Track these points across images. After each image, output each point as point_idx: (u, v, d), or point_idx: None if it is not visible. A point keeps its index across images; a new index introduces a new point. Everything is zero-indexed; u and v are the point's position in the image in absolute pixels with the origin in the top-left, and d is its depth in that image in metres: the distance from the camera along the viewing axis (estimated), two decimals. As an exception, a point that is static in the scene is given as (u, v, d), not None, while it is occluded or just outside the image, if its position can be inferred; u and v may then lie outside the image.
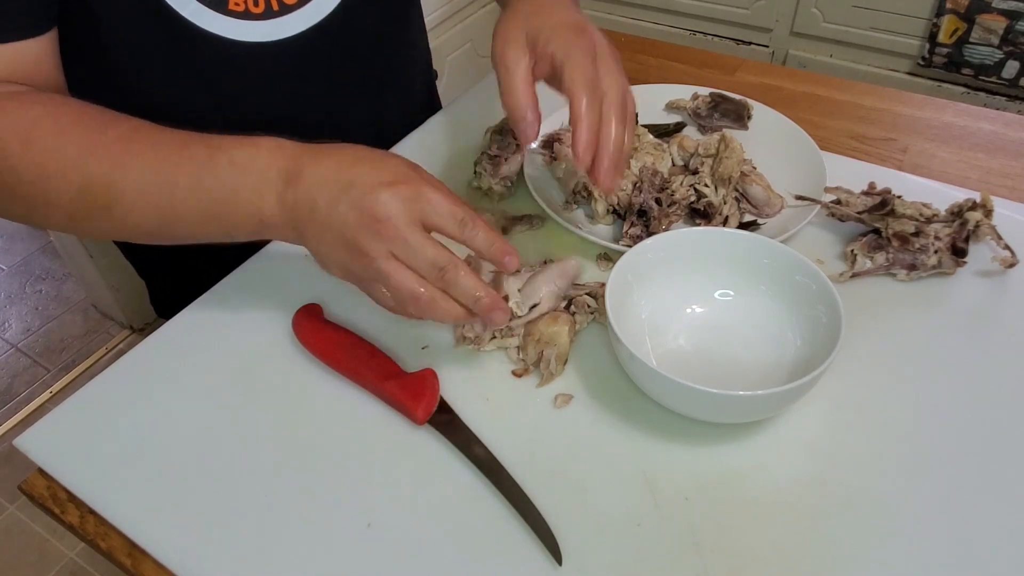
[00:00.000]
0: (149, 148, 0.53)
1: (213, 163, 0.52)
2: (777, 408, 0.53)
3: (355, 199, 0.48)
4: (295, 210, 0.50)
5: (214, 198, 0.52)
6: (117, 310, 1.84)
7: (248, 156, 0.52)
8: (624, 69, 0.57)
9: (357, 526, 0.49)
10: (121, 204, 0.53)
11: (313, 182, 0.50)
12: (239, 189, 0.51)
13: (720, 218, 0.67)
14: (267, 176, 0.51)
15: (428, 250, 0.48)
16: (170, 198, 0.52)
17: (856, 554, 0.46)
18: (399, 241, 0.48)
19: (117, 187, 0.52)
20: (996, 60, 1.52)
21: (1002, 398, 0.55)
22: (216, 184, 0.51)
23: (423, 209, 0.48)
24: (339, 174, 0.49)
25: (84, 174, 0.52)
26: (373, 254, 0.48)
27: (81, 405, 0.57)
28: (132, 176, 0.52)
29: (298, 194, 0.50)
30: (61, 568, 1.43)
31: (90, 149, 0.52)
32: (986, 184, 0.74)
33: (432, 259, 0.48)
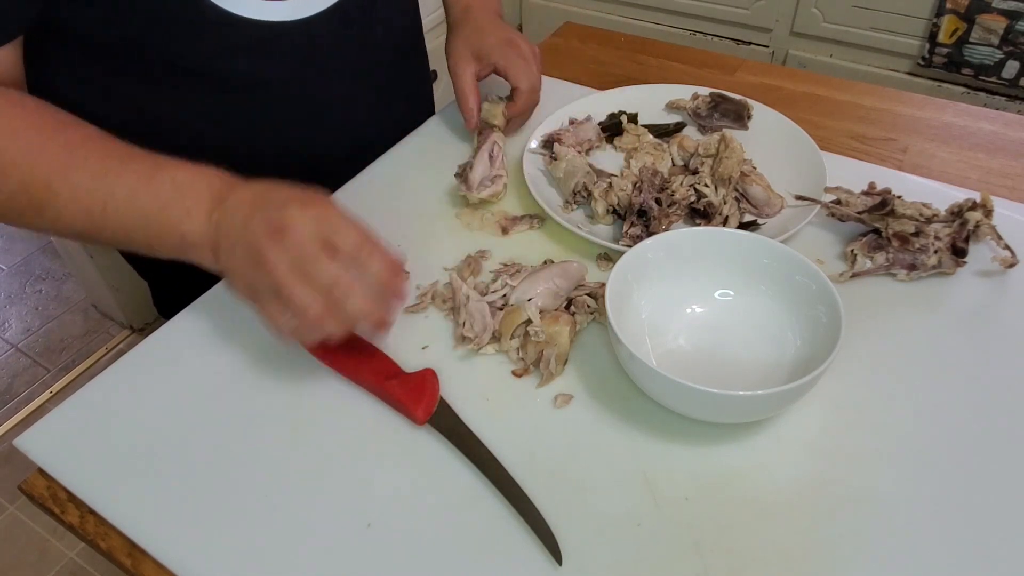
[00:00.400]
0: (95, 156, 0.55)
1: (154, 179, 0.54)
2: (777, 408, 0.53)
3: (266, 213, 0.51)
4: (217, 230, 0.53)
5: (145, 212, 0.54)
6: (117, 310, 1.84)
7: (189, 179, 0.55)
8: (541, 64, 0.81)
9: (357, 526, 0.49)
10: (54, 207, 0.55)
11: (235, 202, 0.53)
12: (171, 206, 0.54)
13: (720, 218, 0.67)
14: (200, 198, 0.54)
15: (325, 266, 0.49)
16: (103, 207, 0.54)
17: (856, 554, 0.46)
18: (299, 252, 0.49)
19: (54, 189, 0.54)
20: (996, 60, 1.52)
21: (1002, 398, 0.55)
22: (151, 199, 0.54)
23: (329, 229, 0.50)
24: (259, 196, 0.53)
25: (24, 173, 0.54)
26: (274, 263, 0.49)
27: (81, 405, 0.57)
28: (71, 181, 0.54)
29: (221, 214, 0.53)
30: (61, 568, 1.43)
31: (37, 150, 0.54)
32: (986, 184, 0.74)
33: (328, 272, 0.49)
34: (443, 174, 0.77)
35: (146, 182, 0.54)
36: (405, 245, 0.69)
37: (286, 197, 0.52)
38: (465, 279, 0.63)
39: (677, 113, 0.84)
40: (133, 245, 0.57)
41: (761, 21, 1.80)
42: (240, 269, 0.52)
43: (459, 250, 0.68)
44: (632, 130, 0.80)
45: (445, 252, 0.68)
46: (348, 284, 0.50)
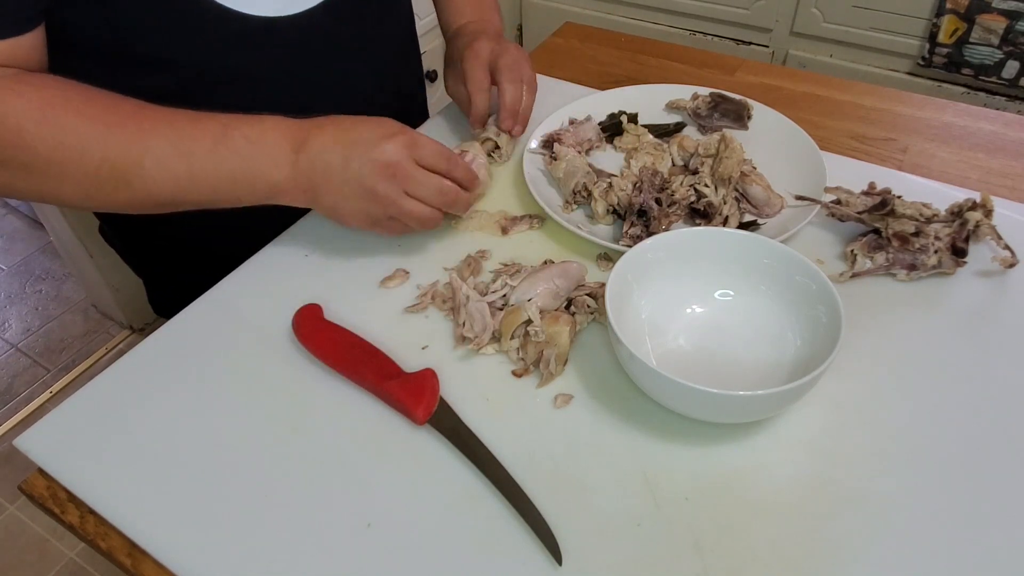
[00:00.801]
0: (163, 123, 0.58)
1: (227, 137, 0.58)
2: (777, 408, 0.53)
3: (364, 154, 0.59)
4: (309, 174, 0.59)
5: (230, 168, 0.59)
6: (117, 310, 1.84)
7: (258, 132, 0.59)
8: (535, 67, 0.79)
9: (357, 526, 0.49)
10: (140, 176, 0.57)
11: (321, 147, 0.59)
12: (254, 159, 0.59)
13: (720, 218, 0.67)
14: (279, 147, 0.59)
15: (428, 180, 0.61)
16: (188, 168, 0.58)
17: (856, 554, 0.46)
18: (409, 180, 0.60)
19: (136, 159, 0.56)
20: (996, 60, 1.51)
21: (1002, 397, 0.55)
22: (231, 155, 0.58)
23: (418, 152, 0.60)
24: (343, 136, 0.60)
25: (103, 147, 0.56)
26: (392, 196, 0.60)
27: (81, 405, 0.57)
28: (151, 148, 0.57)
29: (311, 159, 0.59)
30: (61, 568, 1.43)
31: (108, 124, 0.56)
32: (986, 184, 0.74)
33: (432, 186, 0.61)
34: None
35: (222, 141, 0.58)
36: (404, 245, 0.69)
37: (372, 136, 0.59)
38: (465, 279, 0.64)
39: (677, 113, 0.84)
40: (221, 202, 0.61)
41: (761, 21, 1.80)
42: (352, 205, 0.61)
43: (459, 250, 0.68)
44: (632, 130, 0.80)
45: (445, 252, 0.68)
46: (451, 190, 0.62)
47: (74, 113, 0.56)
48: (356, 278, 0.66)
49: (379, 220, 0.62)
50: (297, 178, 0.60)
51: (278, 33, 0.68)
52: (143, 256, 0.88)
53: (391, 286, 0.65)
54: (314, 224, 0.72)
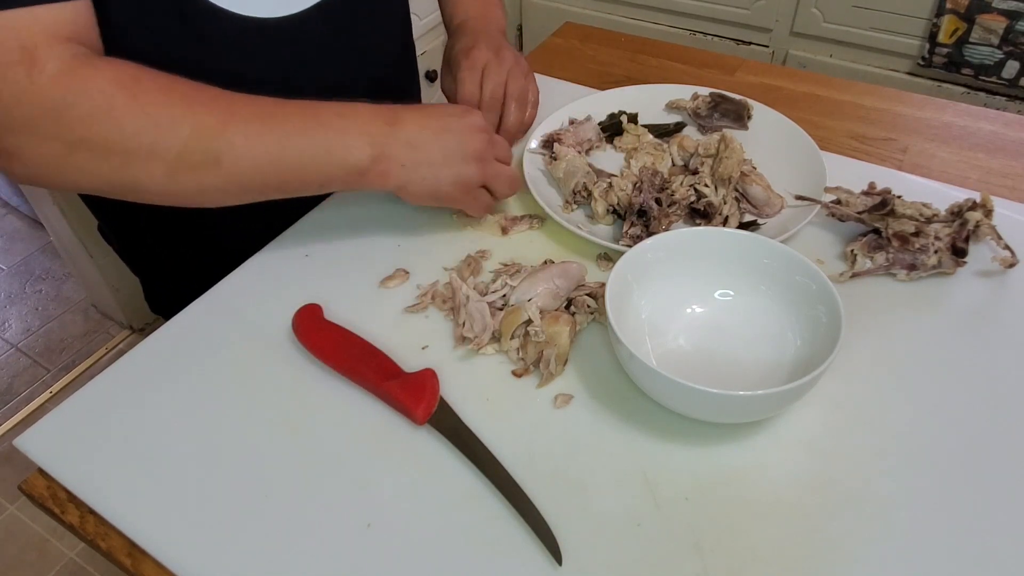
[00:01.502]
0: (251, 103, 0.58)
1: (318, 112, 0.59)
2: (777, 408, 0.53)
3: (460, 125, 0.64)
4: (406, 147, 0.61)
5: (323, 140, 0.59)
6: (117, 310, 1.84)
7: (349, 108, 0.61)
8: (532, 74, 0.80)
9: (357, 526, 0.49)
10: (231, 152, 0.56)
11: (415, 123, 0.62)
12: (347, 131, 0.60)
13: (720, 218, 0.67)
14: (372, 122, 0.61)
15: (506, 145, 0.69)
16: (280, 144, 0.57)
17: (856, 554, 0.46)
18: (497, 143, 0.67)
19: (228, 135, 0.56)
20: (996, 60, 1.51)
21: (1002, 397, 0.55)
22: (322, 128, 0.59)
23: (486, 121, 0.67)
24: (430, 113, 0.64)
25: (195, 123, 0.55)
26: (488, 156, 0.65)
27: (81, 405, 0.57)
28: (240, 123, 0.56)
29: (407, 133, 0.61)
30: (61, 568, 1.44)
31: (196, 102, 0.56)
32: (986, 184, 0.74)
33: (506, 149, 0.69)
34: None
35: (313, 116, 0.59)
36: (404, 245, 0.69)
37: (455, 112, 0.65)
38: (465, 279, 0.64)
39: (677, 113, 0.84)
40: (307, 184, 0.60)
41: (761, 21, 1.80)
42: (451, 170, 0.63)
43: (459, 250, 0.68)
44: (632, 130, 0.80)
45: (445, 252, 0.68)
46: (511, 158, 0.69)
47: (160, 90, 0.55)
48: (356, 278, 0.66)
49: (473, 188, 0.65)
50: (393, 151, 0.61)
51: (273, 34, 0.68)
52: (141, 254, 0.87)
53: (391, 286, 0.65)
54: (314, 224, 0.72)
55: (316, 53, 0.72)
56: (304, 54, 0.71)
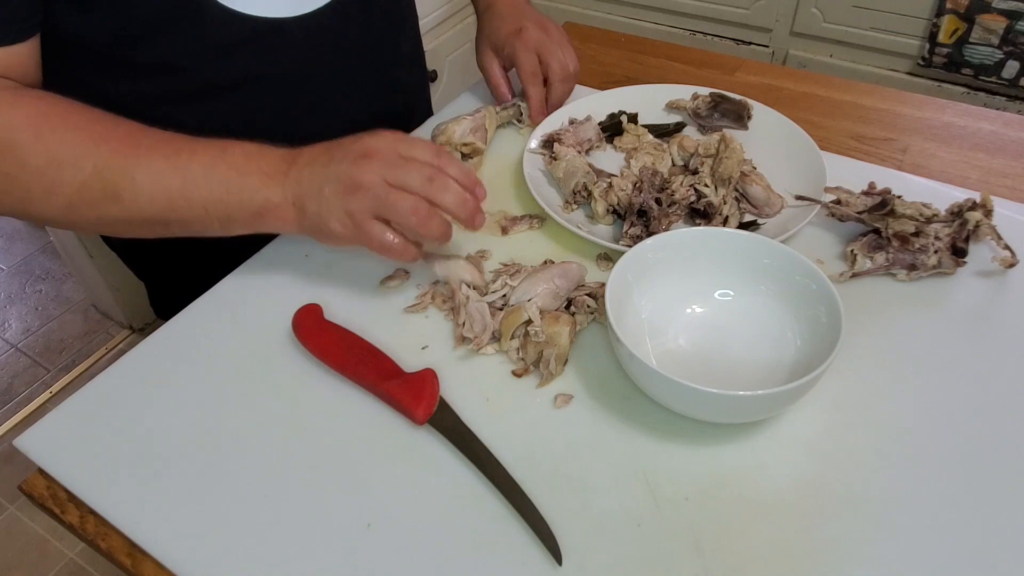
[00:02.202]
0: (161, 141, 0.57)
1: (225, 152, 0.57)
2: (777, 408, 0.53)
3: (345, 152, 0.56)
4: (297, 186, 0.57)
5: (225, 182, 0.57)
6: (117, 310, 1.84)
7: (256, 148, 0.58)
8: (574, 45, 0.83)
9: (357, 526, 0.49)
10: (132, 189, 0.56)
11: (309, 158, 0.58)
12: (248, 172, 0.57)
13: (720, 218, 0.67)
14: (274, 161, 0.58)
15: (415, 167, 0.55)
16: (182, 184, 0.56)
17: (856, 554, 0.46)
18: (389, 165, 0.55)
19: (129, 172, 0.56)
20: (996, 60, 1.51)
21: (1002, 397, 0.55)
22: (227, 170, 0.57)
23: (403, 145, 0.56)
24: (328, 147, 0.58)
25: (97, 160, 0.55)
26: (370, 183, 0.54)
27: (81, 405, 0.57)
28: (146, 163, 0.56)
29: (299, 170, 0.57)
30: (61, 568, 1.43)
31: (103, 138, 0.56)
32: (986, 184, 0.74)
33: (420, 173, 0.55)
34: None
35: (219, 155, 0.57)
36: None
37: (353, 138, 0.57)
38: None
39: (677, 113, 0.84)
40: (208, 224, 0.59)
41: (761, 21, 1.80)
42: (333, 205, 0.56)
43: (459, 250, 0.68)
44: (632, 130, 0.80)
45: (445, 252, 0.68)
46: (442, 179, 0.55)
47: (70, 127, 0.56)
48: (356, 278, 0.66)
49: (363, 220, 0.55)
50: (286, 192, 0.57)
51: (285, 34, 0.68)
52: (145, 259, 0.87)
53: (391, 286, 0.65)
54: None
55: (329, 52, 0.72)
56: (317, 53, 0.71)
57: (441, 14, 1.81)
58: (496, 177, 0.77)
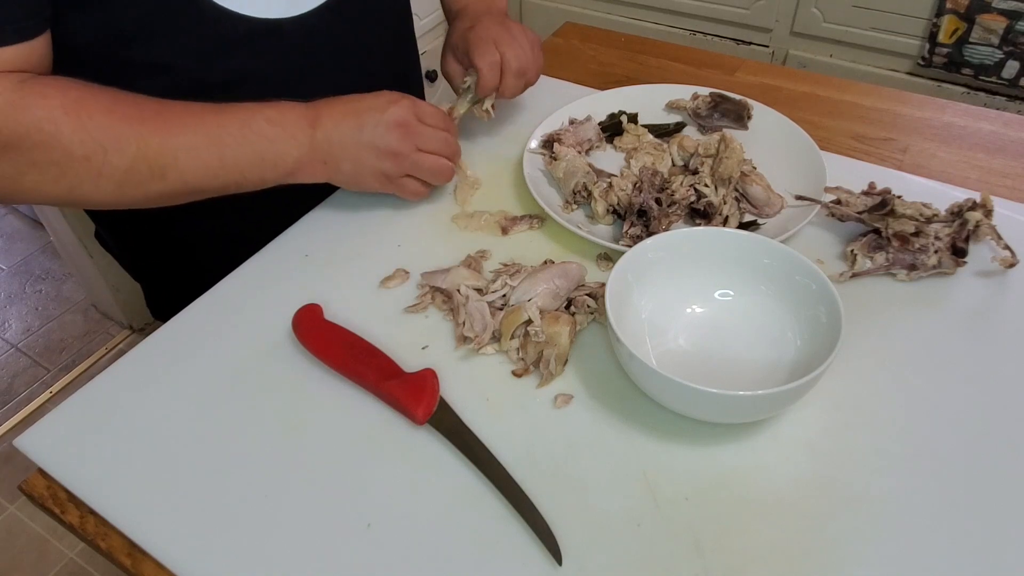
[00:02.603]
0: (191, 116, 0.61)
1: (252, 120, 0.62)
2: (777, 408, 0.53)
3: (376, 118, 0.65)
4: (327, 147, 0.65)
5: (258, 150, 0.63)
6: (117, 310, 1.84)
7: (278, 113, 0.64)
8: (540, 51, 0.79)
9: (357, 526, 0.49)
10: (175, 167, 0.60)
11: (335, 121, 0.65)
12: (277, 139, 0.63)
13: (720, 218, 0.67)
14: (297, 125, 0.64)
15: (438, 134, 0.68)
16: (219, 154, 0.61)
17: (856, 554, 0.46)
18: (419, 135, 0.67)
19: (171, 151, 0.60)
20: (996, 60, 1.51)
21: (1002, 397, 0.55)
22: (257, 138, 0.62)
23: (421, 111, 0.68)
24: (350, 108, 0.66)
25: (140, 143, 0.58)
26: (407, 151, 0.66)
27: (81, 405, 0.57)
28: (183, 140, 0.60)
29: (327, 133, 0.65)
30: (61, 568, 1.43)
31: (138, 120, 0.59)
32: (986, 184, 0.74)
33: (443, 139, 0.69)
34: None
35: (247, 125, 0.62)
36: (405, 245, 0.69)
37: (377, 104, 0.66)
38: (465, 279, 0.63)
39: (677, 113, 0.84)
40: (247, 184, 0.64)
41: (761, 21, 1.79)
42: (370, 166, 0.66)
43: (459, 250, 0.68)
44: (632, 130, 0.80)
45: (445, 252, 0.68)
46: (453, 142, 0.70)
47: (104, 112, 0.57)
48: (356, 278, 0.66)
49: (396, 178, 0.67)
50: (316, 152, 0.64)
51: (281, 35, 0.68)
52: (140, 261, 0.87)
53: (391, 286, 0.65)
54: (314, 224, 0.72)
55: (324, 53, 0.72)
56: (312, 53, 0.71)
57: (441, 14, 1.81)
58: (496, 177, 0.77)
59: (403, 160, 0.66)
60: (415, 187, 0.69)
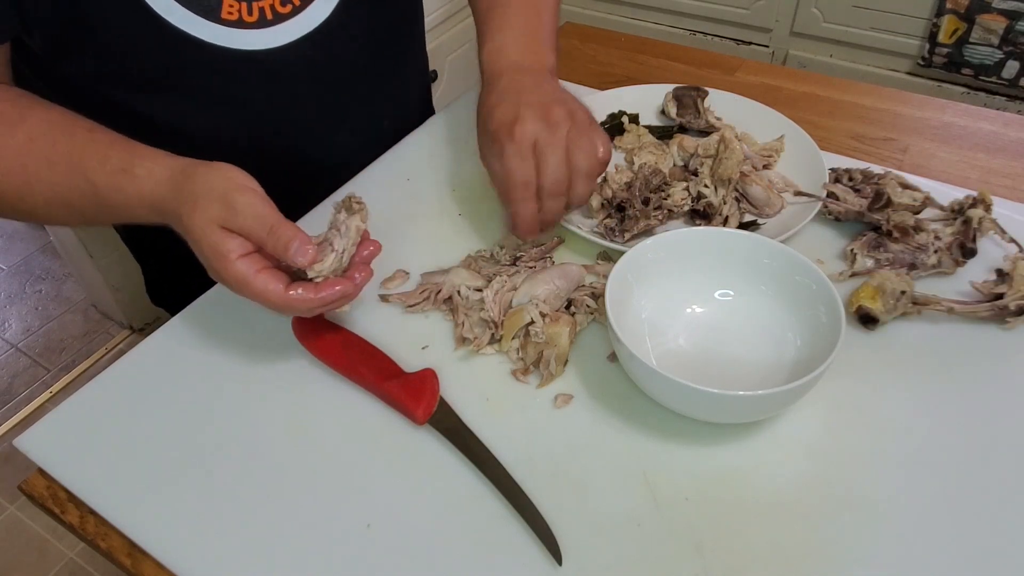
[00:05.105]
0: (45, 165, 0.56)
1: (100, 196, 0.56)
2: (777, 408, 0.53)
3: (209, 265, 0.53)
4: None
5: (114, 215, 0.58)
6: (117, 310, 1.84)
7: (128, 214, 0.56)
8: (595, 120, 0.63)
9: (357, 526, 0.49)
10: (39, 214, 0.59)
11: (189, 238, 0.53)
12: (135, 215, 0.57)
13: (720, 218, 0.67)
14: (146, 213, 0.56)
15: (266, 302, 0.52)
16: (80, 217, 0.59)
17: (856, 554, 0.46)
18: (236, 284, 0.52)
19: (28, 202, 0.57)
20: (996, 60, 1.51)
21: (1002, 397, 0.55)
22: (110, 213, 0.58)
23: (245, 288, 0.51)
24: (193, 240, 0.53)
25: (47, 192, 0.56)
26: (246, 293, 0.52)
27: (81, 405, 0.57)
28: (37, 192, 0.57)
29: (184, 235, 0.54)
30: (61, 568, 1.43)
31: (37, 178, 0.56)
32: (986, 184, 0.74)
33: (273, 306, 0.52)
34: (443, 174, 0.77)
35: (103, 207, 0.57)
36: (405, 245, 0.69)
37: (206, 253, 0.52)
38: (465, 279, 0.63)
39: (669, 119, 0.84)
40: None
41: (761, 21, 1.80)
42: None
43: (459, 250, 0.68)
44: (633, 130, 0.80)
45: (445, 252, 0.68)
46: (298, 306, 0.53)
47: (5, 155, 0.56)
48: (356, 278, 0.66)
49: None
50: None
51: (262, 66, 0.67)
52: (145, 242, 0.87)
53: (391, 286, 0.65)
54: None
55: (302, 79, 0.71)
56: (291, 80, 0.71)
57: (442, 14, 1.81)
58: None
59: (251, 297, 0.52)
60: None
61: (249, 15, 0.64)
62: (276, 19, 0.66)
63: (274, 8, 0.66)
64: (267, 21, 0.66)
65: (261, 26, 0.66)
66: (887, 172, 0.69)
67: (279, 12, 0.66)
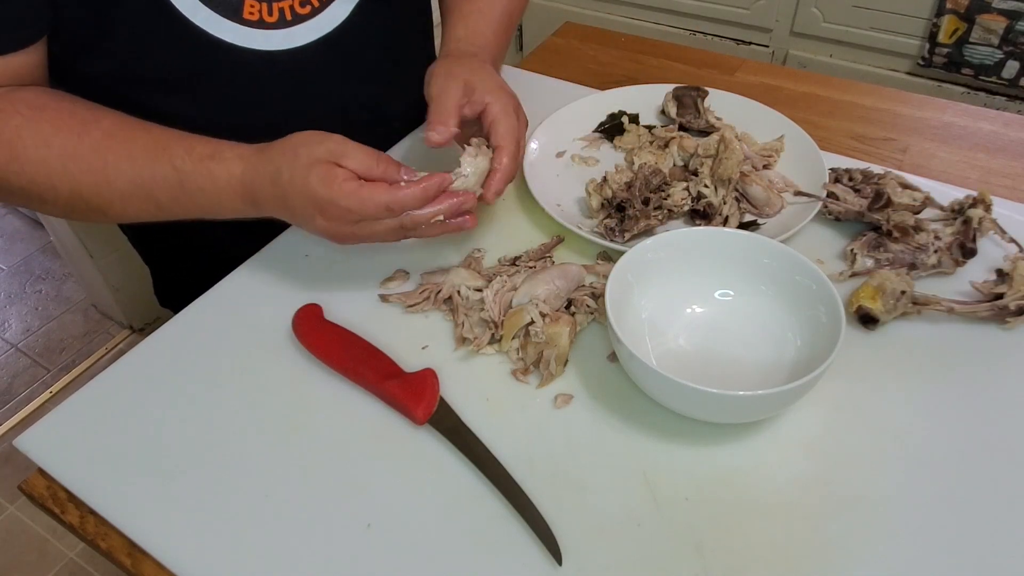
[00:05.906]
0: (126, 160, 0.58)
1: (184, 187, 0.59)
2: (777, 408, 0.53)
3: (305, 216, 0.57)
4: (272, 213, 0.59)
5: (194, 205, 0.60)
6: (117, 310, 1.84)
7: (211, 184, 0.58)
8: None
9: (357, 526, 0.49)
10: (112, 208, 0.60)
11: (269, 206, 0.58)
12: (213, 206, 0.60)
13: (720, 218, 0.67)
14: (232, 201, 0.59)
15: (377, 229, 0.57)
16: (156, 207, 0.60)
17: (856, 554, 0.46)
18: (353, 232, 0.57)
19: (105, 197, 0.59)
20: (996, 60, 1.51)
21: (1002, 398, 0.55)
22: (192, 205, 0.60)
23: (354, 201, 0.54)
24: (279, 193, 0.56)
25: (72, 183, 0.58)
26: (344, 233, 0.57)
27: (81, 405, 0.57)
28: (118, 186, 0.59)
29: (262, 210, 0.59)
30: (61, 568, 1.43)
31: (73, 157, 0.58)
32: (986, 184, 0.74)
33: (384, 232, 0.57)
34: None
35: (181, 189, 0.59)
36: (404, 245, 0.69)
37: (306, 188, 0.55)
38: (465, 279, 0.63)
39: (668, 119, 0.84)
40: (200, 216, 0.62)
41: (761, 21, 1.79)
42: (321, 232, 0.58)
43: (459, 250, 0.68)
44: (633, 130, 0.80)
45: (445, 252, 0.68)
46: (406, 228, 0.57)
47: (41, 146, 0.57)
48: (356, 278, 0.66)
49: (348, 237, 0.58)
50: (261, 212, 0.60)
51: (280, 66, 0.68)
52: (153, 244, 0.87)
53: (391, 286, 0.65)
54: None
55: (321, 81, 0.72)
56: (309, 82, 0.71)
57: (441, 14, 1.81)
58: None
59: (346, 239, 0.58)
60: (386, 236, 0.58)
61: (269, 15, 0.65)
62: (296, 20, 0.67)
63: (294, 9, 0.67)
64: (287, 22, 0.67)
65: (281, 26, 0.67)
66: (887, 172, 0.69)
67: (299, 13, 0.67)
